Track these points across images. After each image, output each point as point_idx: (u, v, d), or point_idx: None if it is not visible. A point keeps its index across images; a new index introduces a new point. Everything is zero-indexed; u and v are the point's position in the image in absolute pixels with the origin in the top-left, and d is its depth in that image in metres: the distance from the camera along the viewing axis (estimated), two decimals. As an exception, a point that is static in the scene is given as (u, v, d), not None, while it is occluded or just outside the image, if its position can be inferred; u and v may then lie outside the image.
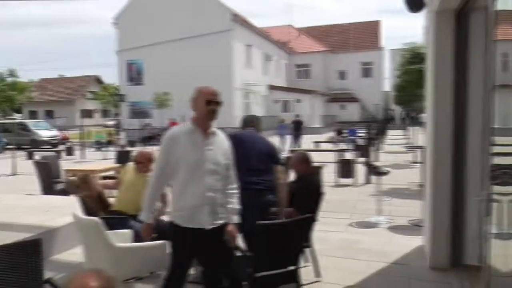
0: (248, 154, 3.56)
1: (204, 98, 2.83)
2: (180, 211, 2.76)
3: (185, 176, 2.73)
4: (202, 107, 2.83)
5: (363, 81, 40.97)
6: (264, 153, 3.68)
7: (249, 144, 3.67)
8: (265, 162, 3.64)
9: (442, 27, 3.95)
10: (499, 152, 2.94)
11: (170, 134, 2.85)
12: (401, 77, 13.99)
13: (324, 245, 4.95)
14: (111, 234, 3.40)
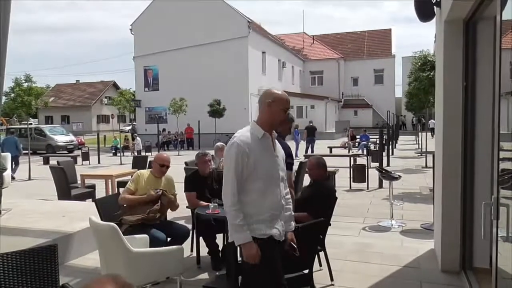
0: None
1: (283, 105, 2.63)
2: (261, 223, 2.52)
3: (263, 186, 2.52)
4: (279, 114, 2.62)
5: (375, 88, 40.92)
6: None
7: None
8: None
9: (452, 36, 4.05)
10: (507, 157, 3.03)
11: (240, 142, 2.51)
12: (412, 84, 13.99)
13: (337, 249, 5.04)
14: (128, 239, 3.43)
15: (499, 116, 2.79)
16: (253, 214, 2.50)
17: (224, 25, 27.45)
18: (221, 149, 6.94)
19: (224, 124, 25.50)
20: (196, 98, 25.83)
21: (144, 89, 30.41)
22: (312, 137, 18.77)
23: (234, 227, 2.47)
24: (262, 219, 2.52)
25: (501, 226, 2.66)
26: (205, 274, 4.49)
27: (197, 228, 4.74)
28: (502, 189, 2.82)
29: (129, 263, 3.36)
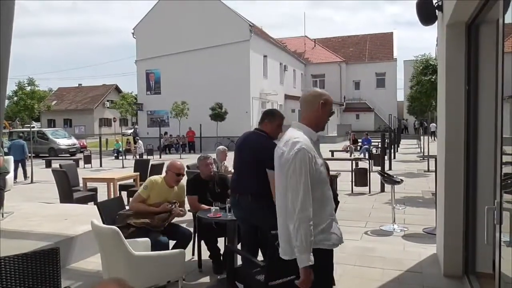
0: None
1: (330, 107, 2.53)
2: (324, 233, 2.31)
3: (322, 192, 2.32)
4: (326, 116, 2.52)
5: (377, 91, 40.97)
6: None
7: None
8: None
9: (453, 39, 4.05)
10: (510, 161, 3.01)
11: (306, 146, 2.26)
12: (413, 87, 14.00)
13: (340, 253, 5.00)
14: (130, 243, 3.43)
15: (502, 120, 2.78)
16: (316, 224, 2.24)
17: (226, 28, 27.54)
18: (223, 152, 6.94)
19: (226, 127, 25.54)
20: (198, 101, 25.87)
21: (146, 93, 30.49)
22: None
23: (306, 246, 2.15)
24: (324, 228, 2.30)
25: (504, 231, 2.64)
26: (207, 278, 4.48)
27: (198, 231, 4.74)
28: (505, 193, 2.81)
29: (131, 266, 3.36)
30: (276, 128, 3.65)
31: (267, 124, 3.66)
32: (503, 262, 2.70)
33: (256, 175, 3.48)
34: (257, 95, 29.16)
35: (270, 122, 3.66)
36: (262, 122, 3.70)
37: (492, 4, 3.19)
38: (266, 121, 3.67)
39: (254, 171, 3.53)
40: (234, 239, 4.29)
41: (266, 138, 3.61)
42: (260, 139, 3.61)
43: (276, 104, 33.49)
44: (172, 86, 28.46)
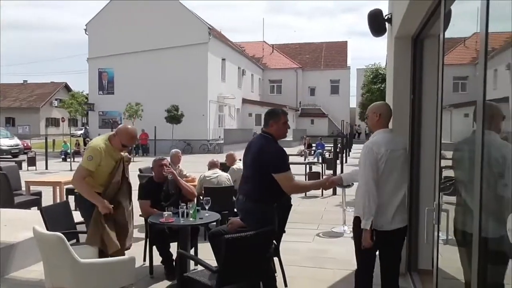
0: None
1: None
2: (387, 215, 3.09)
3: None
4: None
5: (331, 98, 42.20)
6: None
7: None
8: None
9: (401, 51, 4.30)
10: (448, 165, 3.24)
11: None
12: (364, 95, 14.63)
13: (293, 255, 5.13)
14: (76, 249, 3.30)
15: (441, 128, 2.99)
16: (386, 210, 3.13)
17: (184, 30, 27.23)
18: (176, 155, 6.88)
19: (182, 130, 25.21)
20: (153, 103, 25.37)
21: (98, 92, 29.44)
22: None
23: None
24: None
25: (442, 230, 2.84)
26: (158, 284, 4.41)
27: (150, 237, 4.66)
28: (444, 195, 3.02)
29: (76, 274, 3.23)
30: (282, 127, 3.61)
31: (273, 124, 3.59)
32: (440, 259, 2.90)
33: (253, 179, 3.50)
34: (215, 98, 29.05)
35: (276, 122, 3.59)
36: (267, 124, 3.62)
37: (434, 21, 3.43)
38: (272, 122, 3.60)
39: (252, 174, 3.52)
40: (187, 244, 4.26)
41: (271, 141, 3.55)
42: (262, 143, 3.55)
43: (234, 108, 33.56)
44: (126, 87, 27.68)
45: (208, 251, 4.42)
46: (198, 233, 4.84)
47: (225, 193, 6.11)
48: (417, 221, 4.22)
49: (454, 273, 3.00)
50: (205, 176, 6.34)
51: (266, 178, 3.39)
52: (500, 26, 1.97)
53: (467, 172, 2.54)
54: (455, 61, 3.46)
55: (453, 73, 3.36)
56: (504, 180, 1.87)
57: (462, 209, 2.68)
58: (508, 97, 1.96)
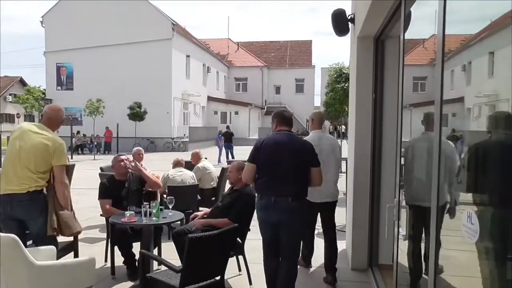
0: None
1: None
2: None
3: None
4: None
5: (296, 97, 42.65)
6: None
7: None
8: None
9: (363, 51, 4.39)
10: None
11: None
12: (328, 94, 14.89)
13: (257, 253, 5.12)
14: (31, 251, 3.18)
15: (401, 126, 3.08)
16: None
17: (147, 25, 26.65)
18: (137, 153, 6.72)
19: (146, 128, 24.72)
20: (115, 100, 24.72)
21: (57, 88, 28.30)
22: (229, 143, 18.83)
23: None
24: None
25: (401, 226, 2.93)
26: (120, 285, 4.30)
27: (112, 237, 4.53)
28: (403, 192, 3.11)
29: (33, 277, 3.10)
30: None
31: (291, 126, 3.79)
32: (400, 254, 2.99)
33: (296, 176, 3.51)
34: (179, 95, 28.66)
35: (291, 125, 3.80)
36: (289, 124, 3.76)
37: (395, 22, 3.52)
38: (286, 123, 3.74)
39: (295, 171, 3.50)
40: (150, 244, 4.18)
41: (304, 139, 3.96)
42: (302, 140, 3.81)
43: (199, 106, 33.25)
44: (87, 82, 26.77)
45: (172, 251, 4.35)
46: (161, 233, 4.75)
47: (190, 192, 6.04)
48: (378, 218, 4.34)
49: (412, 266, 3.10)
50: (169, 174, 6.23)
51: (306, 174, 3.53)
52: (457, 29, 2.04)
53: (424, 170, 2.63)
54: (415, 61, 3.58)
55: (413, 73, 3.47)
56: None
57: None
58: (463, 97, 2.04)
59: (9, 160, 3.64)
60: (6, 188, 3.54)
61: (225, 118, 34.81)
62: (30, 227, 3.64)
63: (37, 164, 3.56)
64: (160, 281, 3.28)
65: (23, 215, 3.57)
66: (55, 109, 3.89)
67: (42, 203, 3.62)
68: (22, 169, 3.54)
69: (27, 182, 3.54)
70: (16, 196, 3.51)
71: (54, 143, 3.64)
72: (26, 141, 3.59)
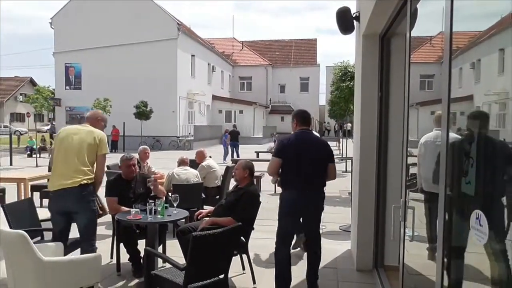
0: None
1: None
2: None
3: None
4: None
5: (301, 95, 42.51)
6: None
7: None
8: None
9: (368, 49, 4.35)
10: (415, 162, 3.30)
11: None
12: (333, 93, 14.81)
13: (261, 252, 5.13)
14: (39, 247, 3.23)
15: (408, 125, 3.04)
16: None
17: (152, 25, 26.70)
18: (144, 151, 6.73)
19: (151, 126, 24.78)
20: (122, 99, 24.79)
21: (65, 88, 28.49)
22: (236, 142, 18.82)
23: None
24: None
25: (408, 227, 2.89)
26: (126, 282, 4.31)
27: (117, 234, 4.54)
28: (411, 192, 3.07)
29: (40, 273, 3.16)
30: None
31: (309, 124, 4.09)
32: (406, 255, 2.95)
33: (320, 172, 3.90)
34: (184, 94, 28.70)
35: (309, 124, 4.09)
36: (308, 123, 4.05)
37: (401, 19, 3.48)
38: (305, 122, 4.03)
39: (318, 167, 3.88)
40: (155, 242, 4.18)
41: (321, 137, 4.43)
42: (320, 139, 4.18)
43: (204, 105, 33.27)
44: (94, 82, 26.91)
45: (176, 249, 4.35)
46: (166, 231, 4.75)
47: (194, 190, 6.04)
48: (384, 218, 4.30)
49: (419, 268, 3.06)
50: (173, 172, 6.23)
51: (325, 168, 3.89)
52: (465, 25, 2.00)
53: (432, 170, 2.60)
54: (422, 59, 3.53)
55: (420, 71, 3.42)
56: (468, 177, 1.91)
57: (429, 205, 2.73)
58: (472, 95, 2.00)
59: (59, 158, 3.87)
60: (59, 184, 3.76)
61: (230, 117, 34.79)
62: (78, 220, 3.84)
63: (88, 155, 3.84)
64: (165, 279, 3.28)
65: (74, 208, 3.78)
66: (92, 113, 4.30)
67: (92, 196, 3.87)
68: (73, 164, 3.79)
69: (79, 176, 3.76)
70: (69, 190, 3.73)
71: (97, 134, 3.96)
72: (74, 138, 3.88)
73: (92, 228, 3.92)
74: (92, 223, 3.89)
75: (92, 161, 3.87)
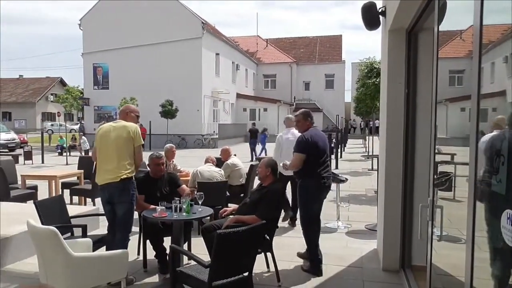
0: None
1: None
2: None
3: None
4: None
5: (326, 92, 42.09)
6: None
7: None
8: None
9: (395, 44, 4.25)
10: (444, 160, 3.21)
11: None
12: (359, 89, 14.59)
13: (285, 250, 5.12)
14: (69, 243, 3.31)
15: (436, 122, 2.95)
16: None
17: (177, 25, 27.01)
18: (170, 150, 6.82)
19: (177, 125, 25.10)
20: (148, 98, 25.22)
21: (93, 87, 29.23)
22: (255, 140, 18.88)
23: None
24: None
25: (436, 226, 2.82)
26: (152, 278, 4.39)
27: (144, 231, 4.63)
28: (439, 190, 2.99)
29: (69, 268, 3.24)
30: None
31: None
32: (434, 255, 2.88)
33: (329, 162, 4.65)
34: (209, 93, 28.93)
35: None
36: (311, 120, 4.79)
37: (429, 14, 3.38)
38: (313, 121, 4.80)
39: (328, 158, 4.64)
40: (180, 239, 4.23)
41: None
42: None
43: (228, 103, 33.46)
44: (121, 82, 27.48)
45: (201, 246, 4.40)
46: (191, 228, 4.80)
47: (219, 188, 6.07)
48: (411, 217, 4.20)
49: (448, 269, 2.98)
50: (198, 171, 6.29)
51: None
52: (497, 18, 1.93)
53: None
54: (451, 54, 3.42)
55: (449, 66, 3.32)
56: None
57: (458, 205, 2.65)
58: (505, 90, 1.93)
59: (101, 156, 4.17)
60: (103, 179, 4.11)
61: (254, 115, 34.83)
62: (118, 210, 4.15)
63: (126, 149, 4.10)
64: (190, 275, 3.32)
65: (116, 199, 4.12)
66: (122, 108, 4.55)
67: (132, 190, 4.17)
68: (114, 160, 4.08)
69: (120, 171, 4.06)
70: (112, 184, 4.07)
71: (130, 127, 4.19)
72: (111, 135, 4.13)
73: (129, 219, 4.20)
74: (129, 213, 4.18)
75: (131, 153, 4.15)
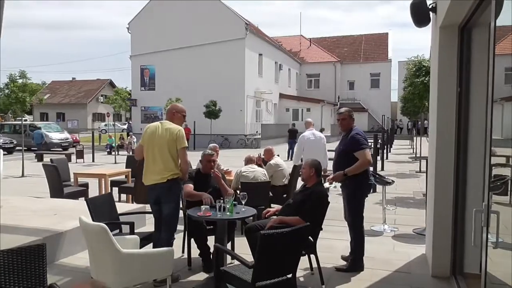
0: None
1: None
2: None
3: None
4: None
5: (371, 92, 41.08)
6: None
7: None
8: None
9: (447, 41, 4.06)
10: (499, 163, 3.03)
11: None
12: (407, 89, 14.08)
13: (329, 253, 5.05)
14: (118, 240, 3.40)
15: (492, 122, 2.79)
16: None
17: (221, 26, 27.42)
18: (215, 149, 6.91)
19: (220, 125, 25.48)
20: (192, 98, 25.77)
21: (141, 89, 30.32)
22: (294, 139, 18.70)
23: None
24: None
25: (492, 232, 2.66)
26: (196, 276, 4.47)
27: (188, 229, 4.73)
28: (494, 195, 2.82)
29: (118, 264, 3.33)
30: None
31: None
32: (489, 263, 2.72)
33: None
34: (252, 93, 29.13)
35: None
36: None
37: (484, 8, 3.20)
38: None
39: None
40: (224, 238, 4.28)
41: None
42: None
43: (271, 103, 33.51)
44: (167, 83, 28.31)
45: (245, 246, 4.43)
46: (235, 228, 4.85)
47: (262, 188, 6.09)
48: (463, 222, 4.00)
49: (504, 278, 2.81)
50: (241, 171, 6.34)
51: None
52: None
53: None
54: (508, 50, 3.22)
55: (505, 63, 3.13)
56: None
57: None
58: None
59: (148, 157, 4.26)
60: (150, 179, 4.22)
61: (297, 115, 34.65)
62: (164, 209, 4.26)
63: (170, 151, 4.16)
64: (234, 275, 3.34)
65: (162, 199, 4.23)
66: (168, 108, 4.67)
67: (177, 190, 4.30)
68: (160, 162, 4.17)
69: (166, 172, 4.16)
70: (159, 185, 4.18)
71: (174, 129, 4.22)
72: (156, 136, 4.22)
73: (174, 218, 4.31)
74: (174, 212, 4.29)
75: (175, 155, 4.20)
